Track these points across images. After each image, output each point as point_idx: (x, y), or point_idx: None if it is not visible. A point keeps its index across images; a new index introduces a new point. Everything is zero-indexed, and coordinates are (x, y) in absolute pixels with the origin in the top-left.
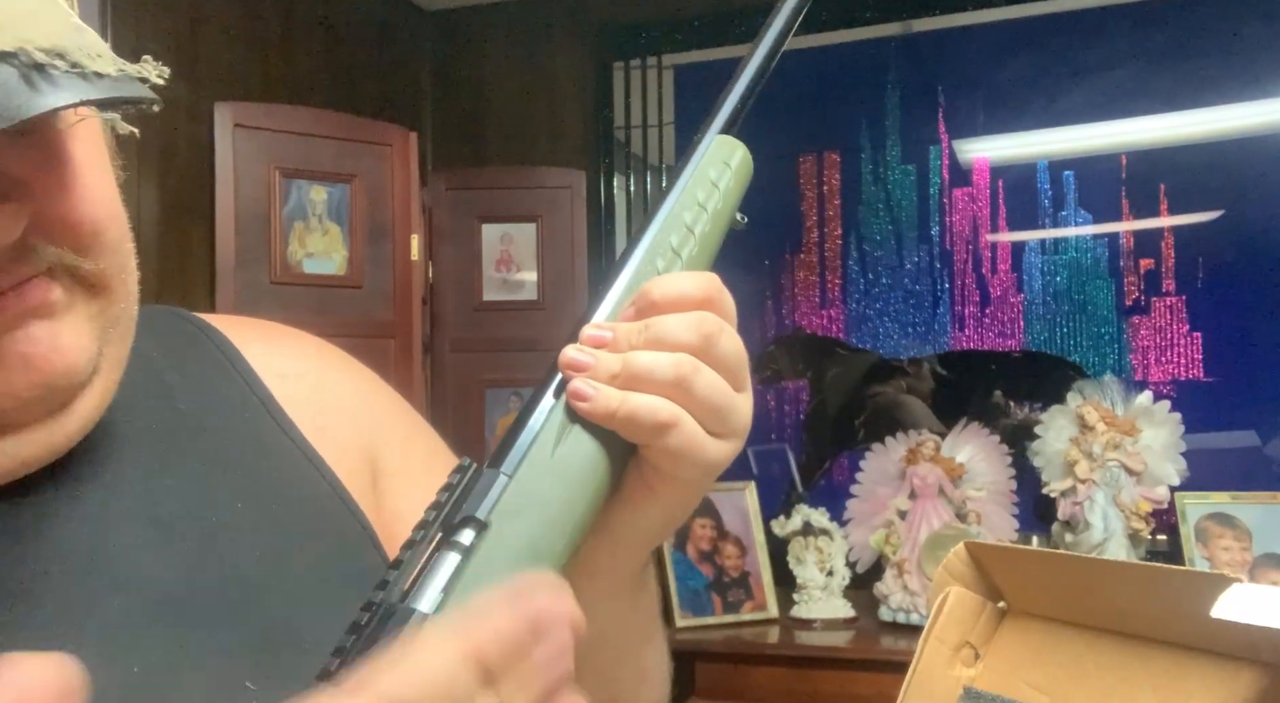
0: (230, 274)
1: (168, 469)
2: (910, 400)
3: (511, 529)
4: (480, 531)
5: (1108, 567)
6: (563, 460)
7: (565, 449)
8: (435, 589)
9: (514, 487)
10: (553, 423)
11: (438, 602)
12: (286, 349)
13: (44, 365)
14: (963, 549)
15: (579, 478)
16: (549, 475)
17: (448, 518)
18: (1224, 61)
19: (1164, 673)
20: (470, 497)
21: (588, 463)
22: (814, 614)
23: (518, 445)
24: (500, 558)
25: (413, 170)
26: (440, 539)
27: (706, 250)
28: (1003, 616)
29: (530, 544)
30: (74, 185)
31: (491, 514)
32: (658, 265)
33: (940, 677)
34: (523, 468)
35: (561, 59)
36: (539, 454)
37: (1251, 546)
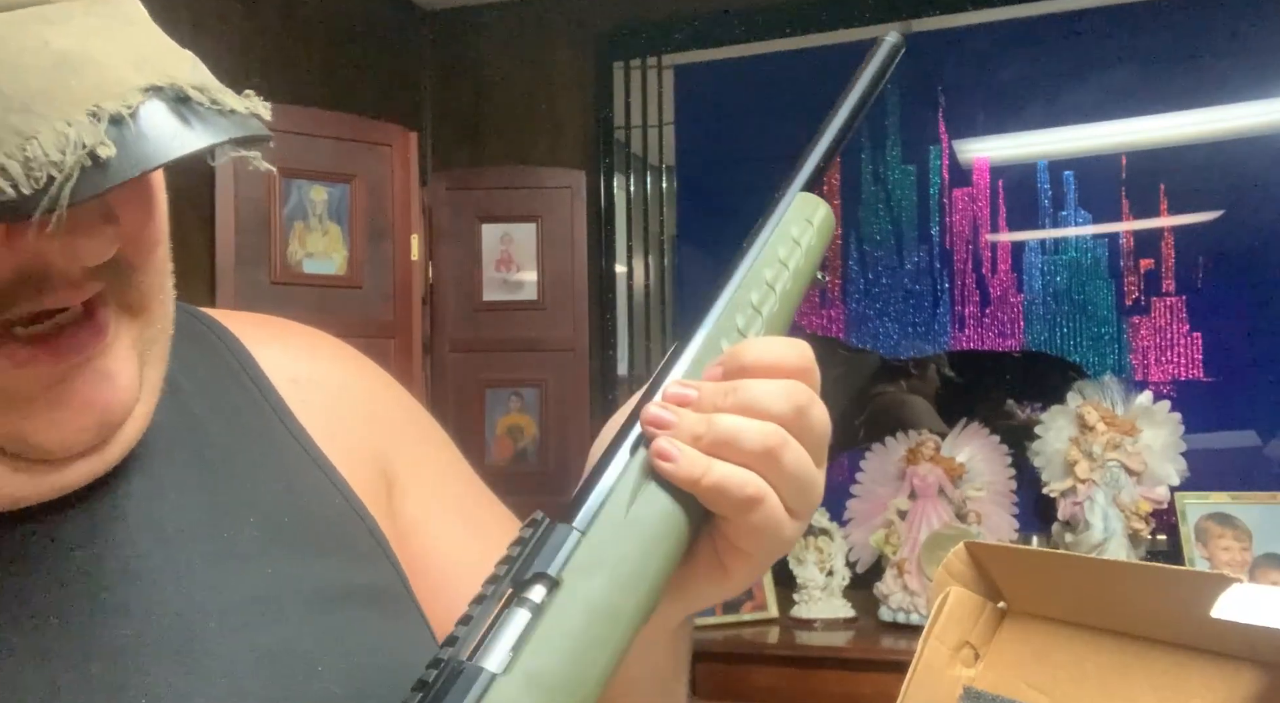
0: (230, 274)
1: (177, 485)
2: (910, 400)
3: (584, 588)
4: (552, 588)
5: (1108, 567)
6: (638, 519)
7: (640, 508)
8: (504, 648)
9: (587, 544)
10: (628, 479)
11: (506, 662)
12: (301, 351)
13: (102, 409)
14: (963, 549)
15: (655, 538)
16: (624, 534)
17: (518, 574)
18: (1224, 61)
19: (1164, 673)
20: (542, 552)
21: (664, 523)
22: (814, 614)
23: (591, 501)
24: (572, 617)
25: (413, 170)
26: (510, 595)
27: (786, 308)
28: (1003, 616)
29: (603, 604)
30: (155, 208)
31: (564, 572)
32: (737, 322)
33: (940, 677)
34: (596, 525)
35: (561, 59)
36: (613, 511)
37: (1251, 545)
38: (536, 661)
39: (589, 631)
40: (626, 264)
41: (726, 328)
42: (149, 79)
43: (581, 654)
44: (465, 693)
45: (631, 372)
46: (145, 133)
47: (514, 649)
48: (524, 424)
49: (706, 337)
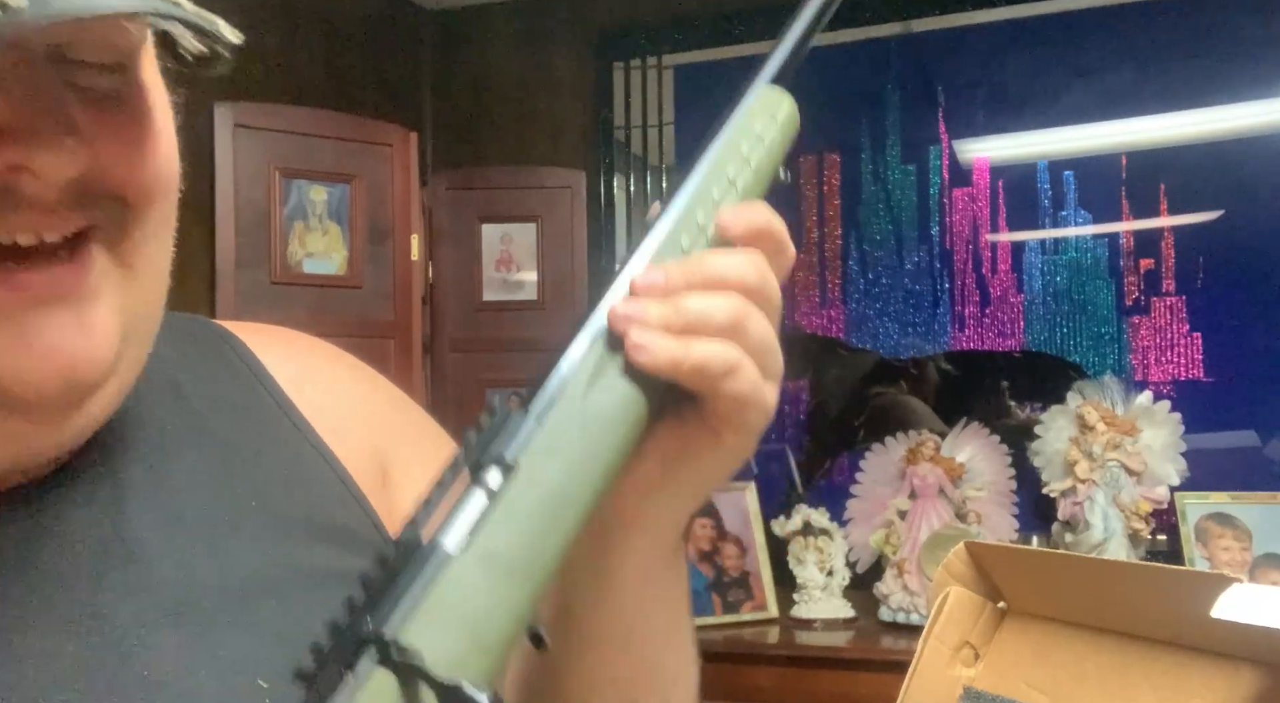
0: (230, 274)
1: (180, 470)
2: (911, 400)
3: (540, 472)
4: (508, 472)
5: (1108, 567)
6: (594, 405)
7: (597, 394)
8: (462, 530)
9: (543, 430)
10: (585, 366)
11: (464, 543)
12: (301, 354)
13: (71, 358)
14: (963, 549)
15: (610, 423)
16: (580, 420)
17: (476, 459)
18: (1224, 61)
19: (1164, 673)
20: (499, 438)
21: (620, 409)
22: (814, 614)
23: (548, 388)
24: (527, 501)
25: (413, 170)
26: (468, 479)
27: None
28: (1002, 616)
29: (558, 488)
30: (142, 142)
31: (520, 456)
32: (698, 217)
33: (940, 677)
34: (553, 412)
35: (561, 59)
36: (570, 398)
37: (1251, 545)
38: (492, 542)
39: (544, 513)
40: None
41: (688, 223)
42: None
43: (536, 536)
44: (422, 571)
45: None
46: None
47: (471, 531)
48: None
49: (669, 232)
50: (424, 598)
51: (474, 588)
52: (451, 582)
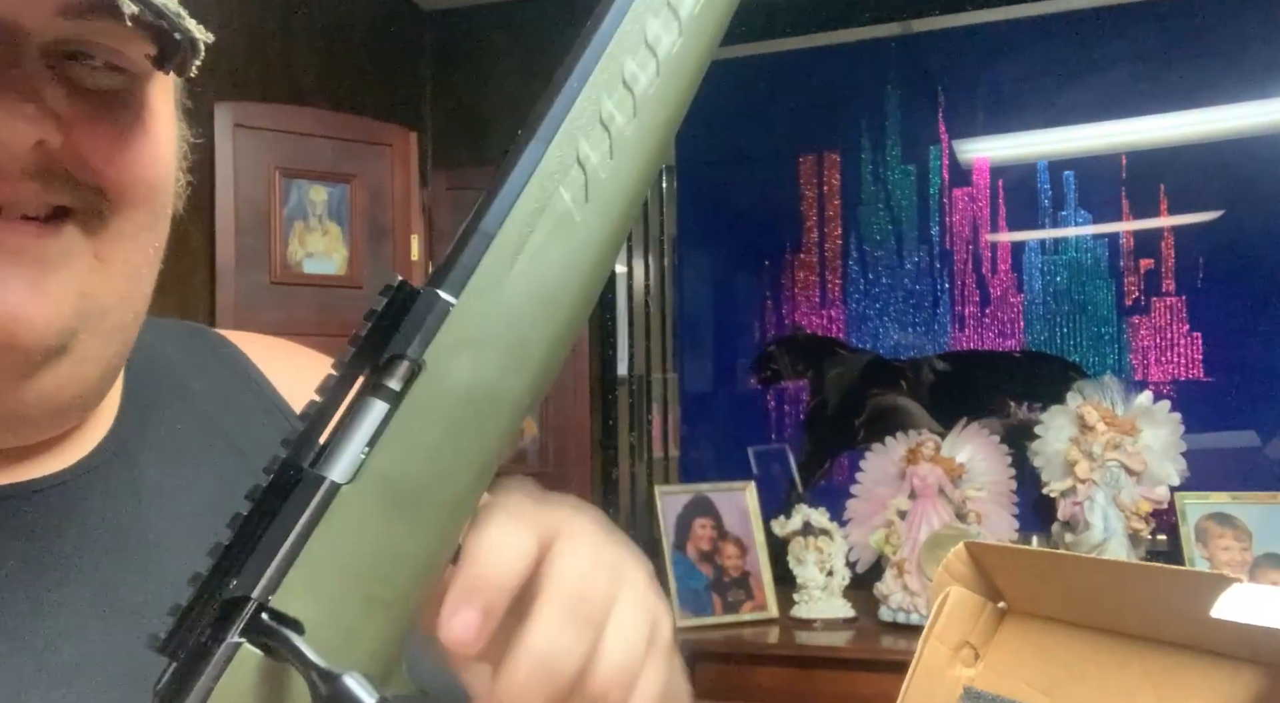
0: (230, 274)
1: (190, 467)
2: (910, 400)
3: (455, 371)
4: (414, 373)
5: (1108, 567)
6: (524, 279)
7: (527, 263)
8: (355, 450)
9: (459, 314)
10: (512, 225)
11: (354, 468)
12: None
13: (10, 317)
14: (963, 549)
15: (545, 302)
16: (506, 299)
17: (373, 354)
18: (1224, 61)
19: (1164, 673)
20: (402, 327)
21: (558, 282)
22: (814, 614)
23: (465, 260)
24: (437, 410)
25: (413, 170)
26: (364, 382)
27: (654, 126)
28: (1003, 616)
29: (477, 389)
30: (126, 142)
31: (429, 351)
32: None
33: (940, 677)
34: (470, 290)
35: (561, 59)
36: (492, 272)
37: (1251, 545)
38: (392, 465)
39: (459, 424)
40: (626, 264)
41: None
42: None
43: (449, 454)
44: (303, 507)
45: (631, 372)
46: None
47: (366, 450)
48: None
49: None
50: (304, 545)
51: (368, 529)
52: (339, 522)
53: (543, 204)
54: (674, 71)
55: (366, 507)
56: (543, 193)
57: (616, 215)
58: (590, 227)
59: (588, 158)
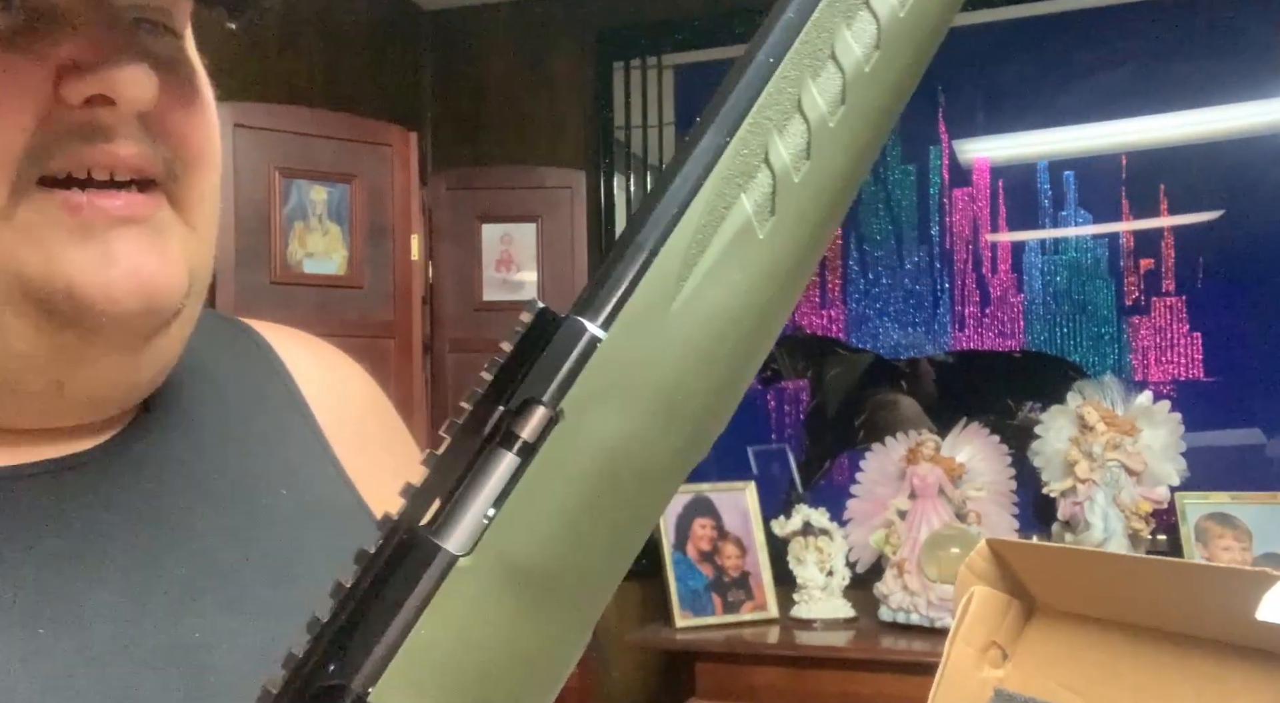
0: (230, 274)
1: (218, 452)
2: (910, 400)
3: (596, 423)
4: (550, 424)
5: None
6: (687, 312)
7: (693, 292)
8: (475, 516)
9: (606, 352)
10: (677, 243)
11: (475, 538)
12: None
13: (153, 279)
14: (985, 547)
15: (709, 342)
16: (662, 335)
17: (507, 397)
18: (1224, 61)
19: (1203, 673)
20: (539, 364)
21: (728, 317)
22: (814, 614)
23: (617, 282)
24: (574, 471)
25: (413, 170)
26: (495, 428)
27: (866, 120)
28: (1030, 614)
29: (620, 447)
30: (194, 106)
31: (567, 399)
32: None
33: (969, 679)
34: (619, 322)
35: (561, 59)
36: (648, 300)
37: (1251, 546)
38: (517, 537)
39: (596, 491)
40: None
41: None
42: None
43: (582, 527)
44: (414, 582)
45: None
46: None
47: (490, 515)
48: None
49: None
50: (413, 629)
51: (484, 617)
52: (452, 605)
53: (720, 216)
54: (899, 39)
55: (484, 588)
56: (720, 201)
57: (810, 233)
58: (776, 246)
59: (779, 155)
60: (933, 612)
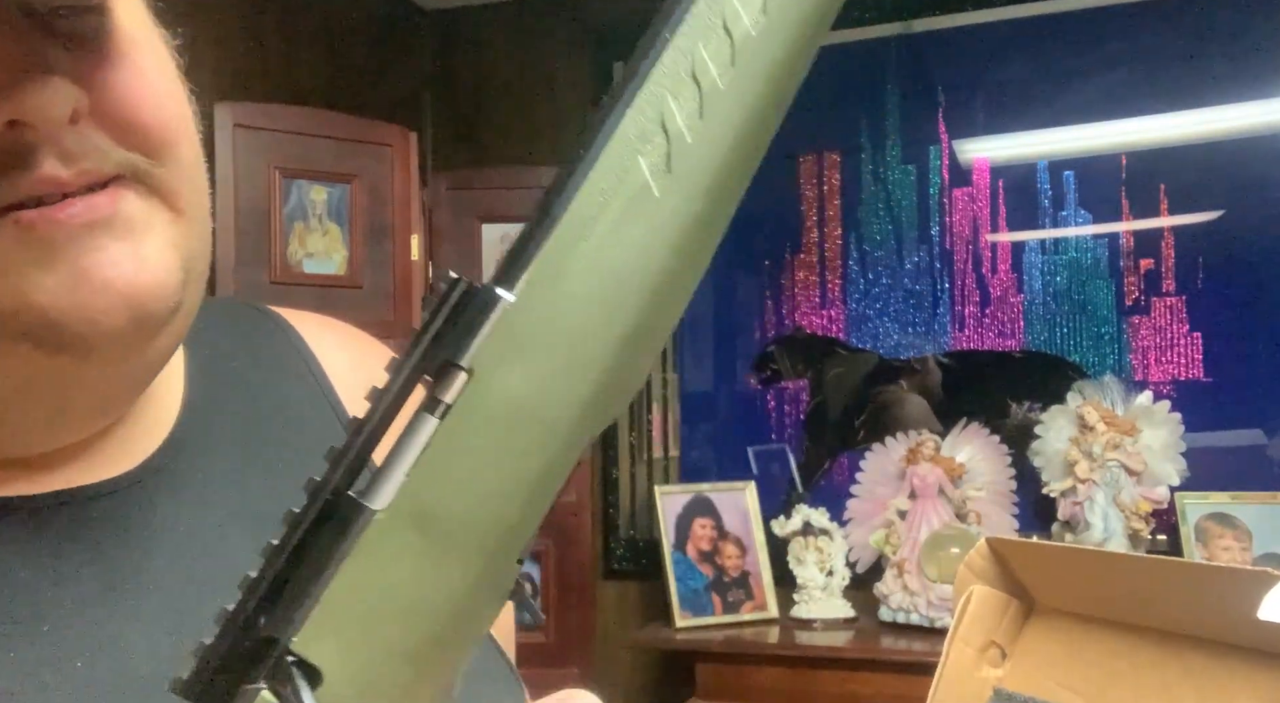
0: (230, 274)
1: (254, 468)
2: (910, 400)
3: (502, 379)
4: (467, 383)
5: (1141, 563)
6: (589, 269)
7: (595, 250)
8: (396, 475)
9: (512, 313)
10: (579, 206)
11: (394, 494)
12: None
13: (130, 289)
14: (985, 546)
15: (612, 297)
16: (566, 293)
17: (426, 361)
18: (1224, 61)
19: (1204, 671)
20: (455, 329)
21: (629, 271)
22: (814, 614)
23: (524, 248)
24: (483, 427)
25: (413, 170)
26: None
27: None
28: (1029, 613)
29: (527, 402)
30: (135, 82)
31: (476, 358)
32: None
33: (969, 679)
34: (524, 283)
35: (561, 59)
36: (552, 259)
37: (1251, 546)
38: (428, 490)
39: (502, 449)
40: None
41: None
42: None
43: (489, 485)
44: (338, 538)
45: None
46: None
47: (409, 474)
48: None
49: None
50: (334, 580)
51: (396, 567)
52: (367, 557)
53: (619, 179)
54: (781, 11)
55: (397, 540)
56: (618, 164)
57: (707, 189)
58: (673, 203)
59: (673, 119)
60: (932, 612)
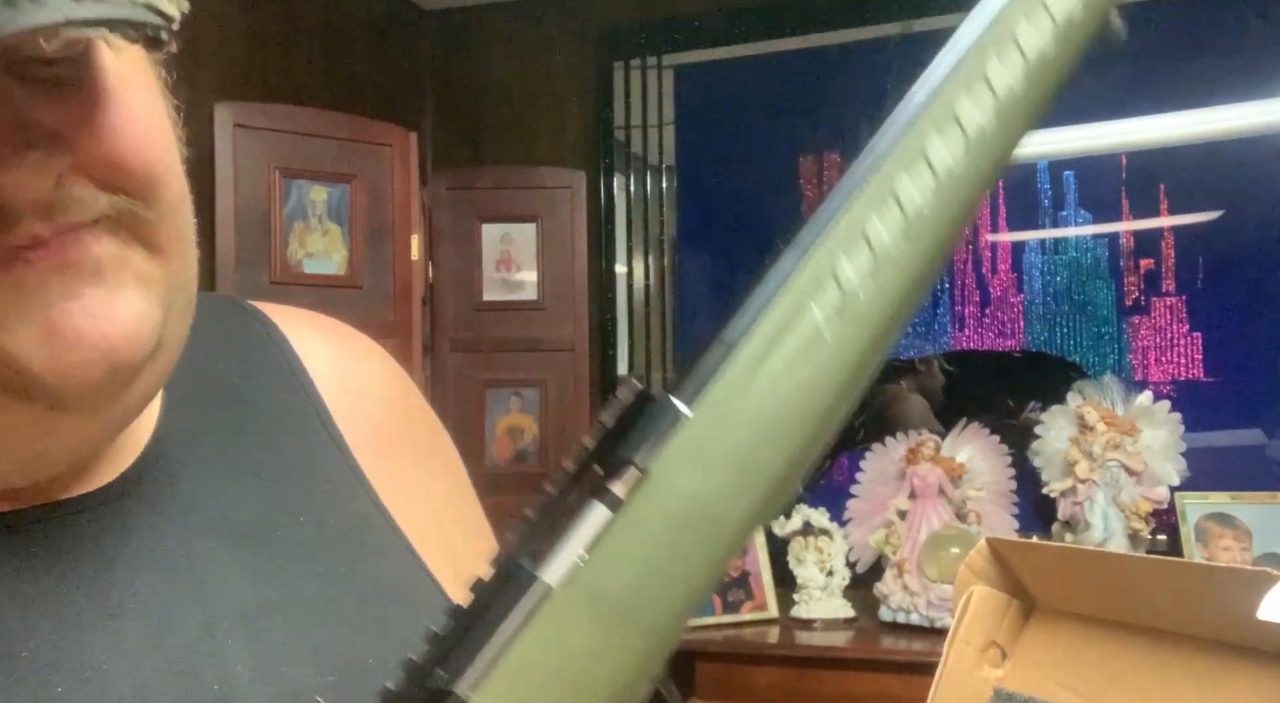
0: (230, 274)
1: (236, 479)
2: (911, 400)
3: (679, 484)
4: (638, 482)
5: (1142, 564)
6: (764, 396)
7: (769, 380)
8: (570, 554)
9: (690, 426)
10: (757, 339)
11: (570, 571)
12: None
13: (104, 341)
14: (985, 546)
15: (782, 423)
16: (741, 414)
17: (603, 457)
18: (1224, 61)
19: (1205, 671)
20: (633, 433)
21: (799, 403)
22: (814, 614)
23: (703, 369)
24: (656, 521)
25: (413, 170)
26: (591, 483)
27: (1040, 89)
28: (1029, 614)
29: (699, 506)
30: (119, 125)
31: (656, 462)
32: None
33: (969, 679)
34: (705, 400)
35: (561, 59)
36: (731, 383)
37: (1251, 546)
38: (603, 575)
39: (676, 541)
40: (626, 264)
41: (815, 278)
42: None
43: (661, 571)
44: (512, 606)
45: (631, 372)
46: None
47: (583, 556)
48: (524, 424)
49: (782, 293)
50: (511, 645)
51: (571, 641)
52: (544, 627)
53: (792, 319)
54: (952, 193)
55: (573, 616)
56: (793, 307)
57: (871, 338)
58: (841, 347)
59: (846, 275)
60: (933, 612)
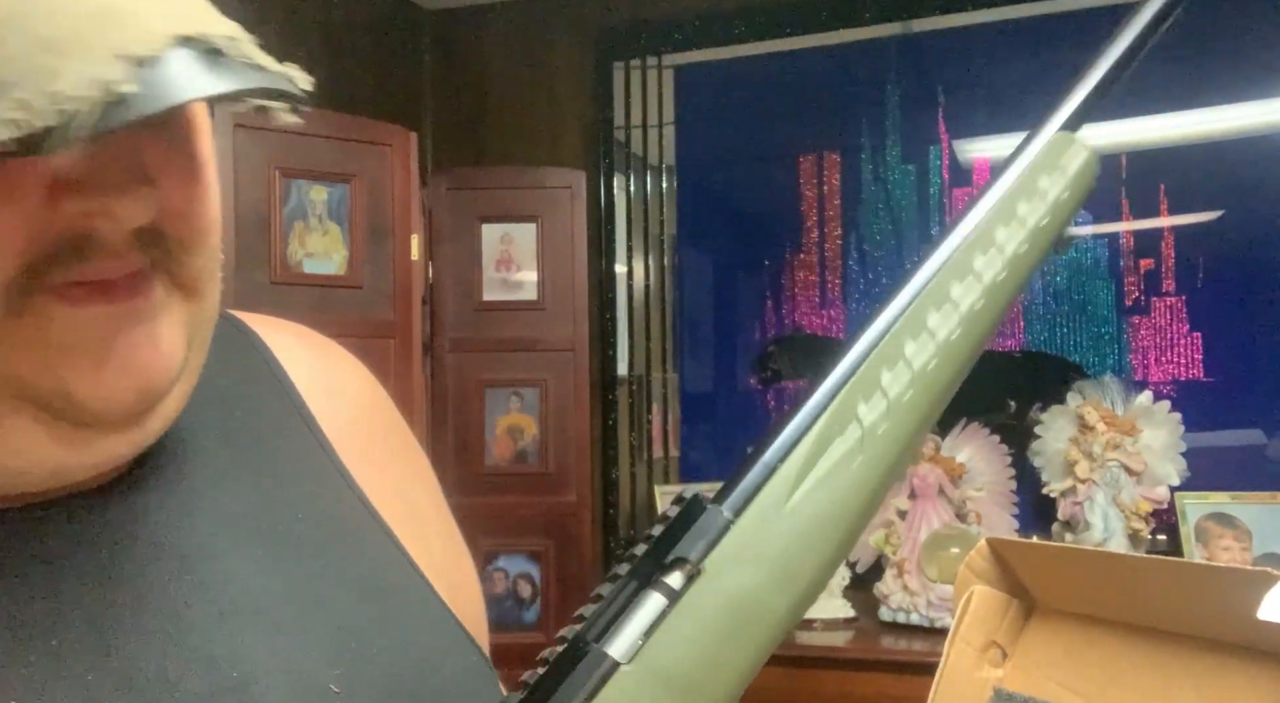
0: (230, 274)
1: (233, 477)
2: None
3: (729, 580)
4: (692, 576)
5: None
6: (799, 510)
7: (803, 498)
8: (632, 635)
9: (738, 531)
10: (792, 464)
11: (633, 650)
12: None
13: (144, 372)
14: (985, 546)
15: (814, 533)
16: (780, 525)
17: (659, 555)
18: (1224, 61)
19: (1205, 672)
20: (686, 535)
21: (828, 517)
22: (813, 614)
23: (746, 484)
24: (710, 611)
25: (413, 170)
26: (646, 578)
27: (1016, 277)
28: (1029, 614)
29: (748, 600)
30: (198, 181)
31: (707, 559)
32: (950, 293)
33: (969, 679)
34: (750, 511)
35: (561, 59)
36: (772, 498)
37: (1251, 546)
38: (664, 654)
39: (727, 628)
40: (626, 264)
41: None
42: (180, 29)
43: (715, 653)
44: (586, 678)
45: (631, 372)
46: (171, 76)
47: (643, 638)
48: (524, 424)
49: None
50: None
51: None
52: (615, 697)
53: (821, 449)
54: (950, 357)
55: (641, 691)
56: (823, 440)
57: (888, 466)
58: (863, 474)
59: (865, 417)
60: (932, 612)
